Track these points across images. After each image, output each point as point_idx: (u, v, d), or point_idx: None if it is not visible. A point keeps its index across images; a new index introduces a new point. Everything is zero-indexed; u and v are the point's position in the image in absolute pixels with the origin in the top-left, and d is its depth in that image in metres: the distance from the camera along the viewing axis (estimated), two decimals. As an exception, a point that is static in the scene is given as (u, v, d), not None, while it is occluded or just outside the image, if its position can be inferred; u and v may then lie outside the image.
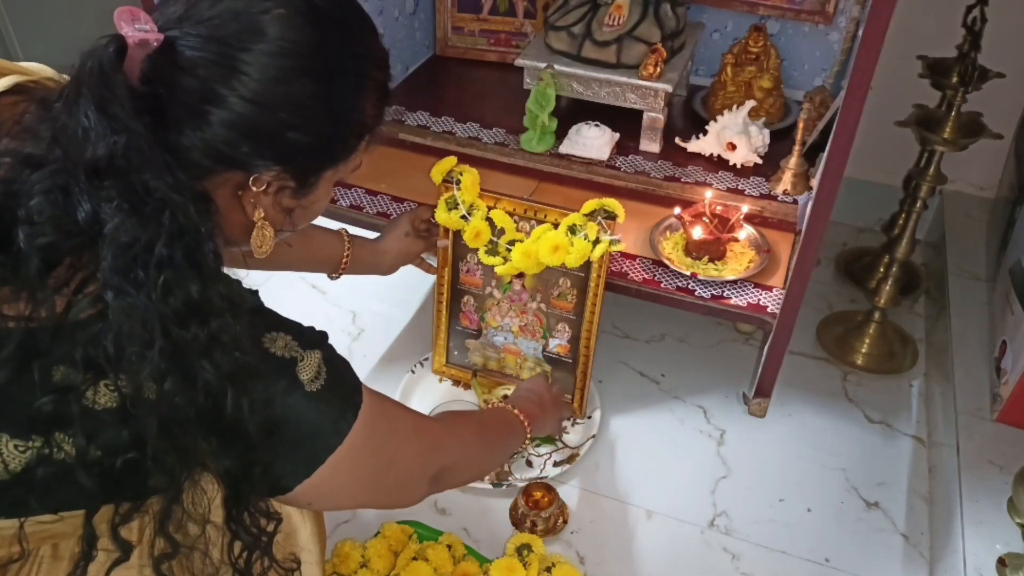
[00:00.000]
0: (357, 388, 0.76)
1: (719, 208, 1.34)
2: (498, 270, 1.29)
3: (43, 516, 0.65)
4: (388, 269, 1.31)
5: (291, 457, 0.71)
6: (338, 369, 0.74)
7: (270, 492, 0.73)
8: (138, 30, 0.61)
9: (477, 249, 1.30)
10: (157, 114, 0.62)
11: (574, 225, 1.23)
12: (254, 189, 0.69)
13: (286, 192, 0.72)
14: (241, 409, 0.64)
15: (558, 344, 1.36)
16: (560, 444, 1.34)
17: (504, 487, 1.29)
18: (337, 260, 1.23)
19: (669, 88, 1.42)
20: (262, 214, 0.72)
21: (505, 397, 1.18)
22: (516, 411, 1.10)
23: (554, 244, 1.24)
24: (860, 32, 1.15)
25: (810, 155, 1.38)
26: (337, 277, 1.25)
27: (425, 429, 0.89)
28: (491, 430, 1.06)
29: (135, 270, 0.59)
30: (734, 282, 1.29)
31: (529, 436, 1.11)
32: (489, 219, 1.28)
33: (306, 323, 0.75)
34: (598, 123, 1.49)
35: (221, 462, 0.67)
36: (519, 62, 1.50)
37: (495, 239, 1.28)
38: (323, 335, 0.75)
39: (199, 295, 0.62)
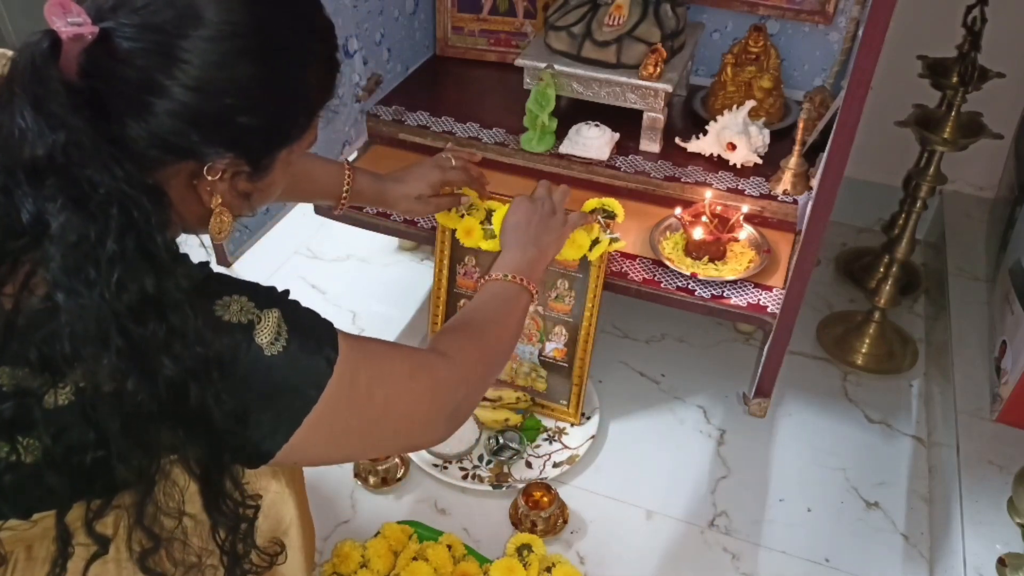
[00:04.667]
0: (329, 340, 0.71)
1: (719, 208, 1.34)
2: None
3: (15, 522, 0.64)
4: (400, 211, 1.26)
5: (267, 421, 0.68)
6: (301, 324, 0.70)
7: (253, 461, 0.70)
8: (71, 24, 0.59)
9: (476, 249, 1.30)
10: (98, 108, 0.60)
11: None
12: (209, 177, 0.68)
13: (241, 177, 0.70)
14: (206, 401, 0.63)
15: (554, 348, 1.36)
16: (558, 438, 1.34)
17: (504, 488, 1.29)
18: (337, 192, 1.16)
19: (669, 88, 1.42)
20: (219, 200, 0.70)
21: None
22: (511, 278, 1.00)
23: None
24: (860, 32, 1.15)
25: (810, 155, 1.38)
26: (339, 210, 1.19)
27: (424, 369, 0.81)
28: (495, 340, 0.96)
29: (86, 268, 0.58)
30: (734, 282, 1.29)
31: (535, 293, 1.02)
32: (488, 220, 1.28)
33: None
34: (598, 123, 1.49)
35: (189, 452, 0.65)
36: (519, 62, 1.50)
37: (488, 224, 1.28)
38: (284, 292, 0.72)
39: (155, 288, 0.60)
